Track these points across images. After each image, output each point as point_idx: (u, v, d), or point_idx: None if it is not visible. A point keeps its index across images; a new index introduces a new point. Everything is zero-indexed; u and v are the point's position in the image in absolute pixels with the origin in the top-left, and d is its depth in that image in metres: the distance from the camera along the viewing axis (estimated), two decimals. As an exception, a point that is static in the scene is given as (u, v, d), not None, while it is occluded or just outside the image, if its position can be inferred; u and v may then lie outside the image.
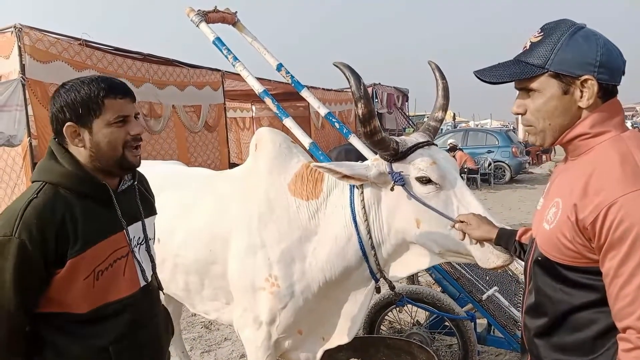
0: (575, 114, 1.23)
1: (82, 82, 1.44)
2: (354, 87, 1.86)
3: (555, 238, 1.21)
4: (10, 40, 6.53)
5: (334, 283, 2.18)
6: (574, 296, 1.21)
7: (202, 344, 4.35)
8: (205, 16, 3.03)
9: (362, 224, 2.06)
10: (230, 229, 2.29)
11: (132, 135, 1.48)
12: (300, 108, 14.18)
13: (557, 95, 1.23)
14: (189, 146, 9.93)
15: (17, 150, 6.75)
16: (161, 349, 1.70)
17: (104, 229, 1.46)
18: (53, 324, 1.44)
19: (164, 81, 9.14)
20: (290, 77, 3.08)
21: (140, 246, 1.59)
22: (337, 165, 2.00)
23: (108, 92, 1.43)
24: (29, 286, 1.37)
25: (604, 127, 1.20)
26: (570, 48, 1.20)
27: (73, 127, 1.43)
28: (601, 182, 1.12)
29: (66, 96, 1.42)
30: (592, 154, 1.21)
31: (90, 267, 1.41)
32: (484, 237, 1.77)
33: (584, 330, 1.19)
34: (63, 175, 1.43)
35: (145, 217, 1.63)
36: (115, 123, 1.44)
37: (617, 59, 1.21)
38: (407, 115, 23.10)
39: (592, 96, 1.19)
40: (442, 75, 2.25)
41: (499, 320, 3.13)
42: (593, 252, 1.15)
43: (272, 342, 2.27)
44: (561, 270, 1.22)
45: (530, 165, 17.92)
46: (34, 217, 1.35)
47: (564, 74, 1.20)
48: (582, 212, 1.13)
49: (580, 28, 1.23)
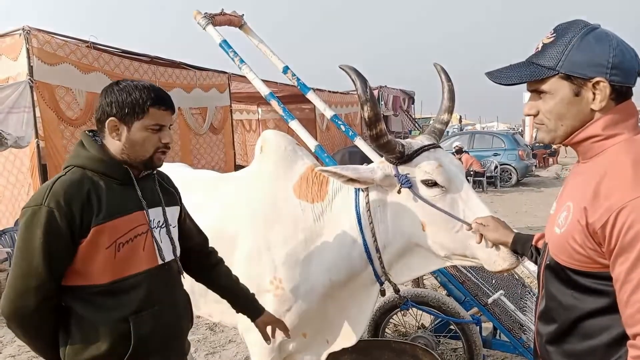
0: (587, 115, 1.21)
1: (135, 86, 1.61)
2: (360, 90, 1.86)
3: (565, 242, 1.19)
4: (19, 43, 6.58)
5: (339, 286, 2.18)
6: (585, 302, 1.19)
7: (207, 345, 4.36)
8: (212, 19, 3.04)
9: (367, 226, 2.06)
10: (235, 231, 2.30)
11: (163, 142, 1.65)
12: (306, 110, 14.20)
13: (568, 97, 1.21)
14: (193, 148, 9.95)
15: (24, 151, 6.80)
16: (181, 331, 1.80)
17: (126, 206, 1.61)
18: (78, 297, 1.56)
19: (171, 83, 9.18)
20: (297, 80, 3.08)
21: (161, 229, 1.72)
22: (342, 169, 1.99)
23: (154, 102, 1.60)
24: (57, 254, 1.50)
25: (617, 129, 1.18)
26: (581, 49, 1.19)
27: (114, 122, 1.60)
28: (612, 185, 1.10)
29: (118, 94, 1.59)
30: (603, 157, 1.19)
31: (112, 237, 1.55)
32: (500, 240, 1.75)
33: (596, 337, 1.17)
34: (89, 159, 1.60)
35: (166, 205, 1.76)
36: (152, 129, 1.61)
37: (631, 60, 1.18)
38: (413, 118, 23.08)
39: (605, 98, 1.17)
40: (448, 77, 2.24)
41: (504, 324, 3.12)
42: (603, 256, 1.13)
43: (277, 344, 2.27)
44: (572, 276, 1.21)
45: (536, 168, 17.84)
46: (62, 189, 1.51)
47: (576, 75, 1.19)
48: (593, 216, 1.11)
49: (594, 29, 1.21)
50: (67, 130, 7.02)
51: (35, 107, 6.62)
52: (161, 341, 1.67)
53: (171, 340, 1.74)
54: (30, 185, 6.92)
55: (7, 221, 7.10)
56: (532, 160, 16.36)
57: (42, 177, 6.77)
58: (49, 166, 6.79)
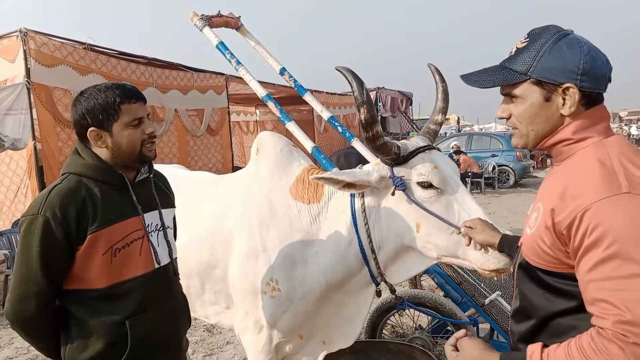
0: (557, 120, 1.23)
1: (98, 90, 1.61)
2: (357, 92, 1.86)
3: (535, 243, 1.21)
4: (16, 45, 6.58)
5: (335, 287, 2.18)
6: (554, 302, 1.21)
7: (204, 347, 4.35)
8: (208, 21, 3.04)
9: (362, 227, 2.06)
10: (231, 232, 2.30)
11: (147, 134, 1.66)
12: (304, 112, 14.21)
13: (539, 102, 1.23)
14: (190, 150, 9.95)
15: (21, 153, 6.79)
16: (178, 332, 1.82)
17: (121, 212, 1.63)
18: (77, 300, 1.60)
19: (167, 85, 9.18)
20: (293, 81, 3.09)
21: (158, 232, 1.74)
22: (338, 174, 1.99)
23: (123, 98, 1.60)
24: (54, 261, 1.53)
25: (587, 133, 1.20)
26: (553, 55, 1.20)
27: (95, 132, 1.61)
28: (578, 187, 1.12)
29: (86, 104, 1.60)
30: (573, 160, 1.21)
31: (107, 243, 1.58)
32: (487, 242, 1.76)
33: (564, 336, 1.17)
34: (84, 166, 1.62)
35: (162, 208, 1.78)
36: (132, 125, 1.62)
37: (601, 66, 1.19)
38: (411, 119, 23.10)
39: (574, 104, 1.19)
40: (442, 78, 2.25)
41: (501, 324, 3.12)
42: (569, 257, 1.14)
43: (273, 346, 2.27)
44: (542, 276, 1.22)
45: (534, 169, 17.87)
46: (57, 198, 1.54)
47: (546, 81, 1.21)
48: (558, 217, 1.13)
49: (566, 35, 1.22)
50: (64, 132, 7.02)
51: (32, 109, 6.61)
52: (158, 343, 1.70)
53: (168, 342, 1.76)
54: (27, 187, 6.91)
55: (4, 223, 7.09)
56: (530, 162, 16.38)
57: (39, 179, 6.77)
58: (45, 168, 6.79)
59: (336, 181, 1.98)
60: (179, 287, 1.87)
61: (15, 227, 6.29)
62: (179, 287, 1.87)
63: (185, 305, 1.90)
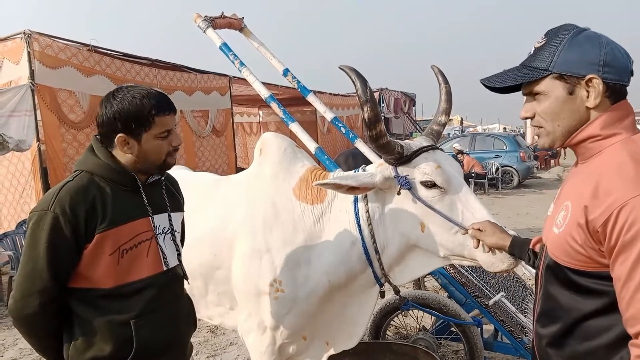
0: (583, 115, 1.22)
1: (133, 96, 1.58)
2: (360, 91, 1.86)
3: (565, 242, 1.19)
4: (20, 46, 6.60)
5: (338, 287, 2.18)
6: (585, 303, 1.19)
7: (208, 348, 4.36)
8: (212, 22, 3.05)
9: (366, 228, 2.06)
10: (235, 233, 2.30)
11: (173, 146, 1.67)
12: (307, 112, 14.21)
13: (562, 96, 1.22)
14: (197, 151, 9.97)
15: (26, 155, 6.81)
16: (182, 335, 1.82)
17: (131, 213, 1.62)
18: (82, 299, 1.59)
19: (172, 86, 9.19)
20: (297, 82, 3.09)
21: (166, 235, 1.74)
22: (341, 179, 1.97)
23: (158, 109, 1.60)
24: (61, 258, 1.52)
25: (615, 129, 1.19)
26: (573, 49, 1.20)
27: (123, 138, 1.60)
28: (612, 183, 1.10)
29: (119, 108, 1.58)
30: (602, 157, 1.19)
31: (115, 244, 1.57)
32: (498, 245, 1.75)
33: (596, 338, 1.16)
34: (97, 165, 1.62)
35: (172, 211, 1.77)
36: (161, 136, 1.63)
37: (622, 58, 1.19)
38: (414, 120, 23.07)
39: (599, 95, 1.18)
40: (445, 79, 2.25)
41: (505, 326, 3.11)
42: (603, 255, 1.12)
43: (277, 347, 2.27)
44: (571, 276, 1.20)
45: (538, 170, 17.81)
46: (68, 195, 1.53)
47: (568, 74, 1.20)
48: (593, 214, 1.11)
49: (583, 30, 1.23)
50: (69, 133, 7.03)
51: (36, 111, 6.63)
52: (163, 346, 1.69)
53: (173, 345, 1.75)
54: (32, 189, 6.93)
55: (9, 224, 7.11)
56: (534, 162, 16.33)
57: (43, 181, 6.79)
58: (49, 169, 6.81)
59: (339, 186, 1.97)
60: (184, 290, 1.87)
61: (20, 228, 6.31)
62: (184, 290, 1.87)
63: (190, 309, 1.90)
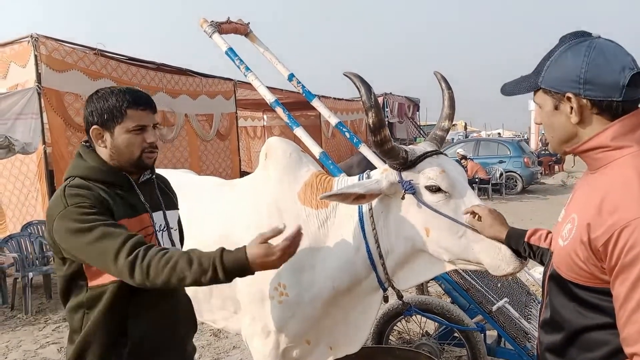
0: (570, 129, 1.24)
1: (111, 92, 1.65)
2: (365, 97, 1.87)
3: (568, 256, 1.19)
4: (27, 50, 6.66)
5: (342, 292, 2.18)
6: (586, 316, 1.19)
7: (211, 351, 4.36)
8: (218, 27, 3.07)
9: (370, 233, 2.06)
10: (240, 237, 2.30)
11: (148, 142, 1.67)
12: (311, 117, 14.25)
13: (551, 110, 1.25)
14: (201, 154, 10.02)
15: (32, 157, 6.86)
16: (180, 335, 1.82)
17: (131, 209, 1.65)
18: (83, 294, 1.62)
19: (177, 90, 9.25)
20: (302, 87, 3.11)
21: (163, 232, 1.76)
22: (348, 188, 1.96)
23: (131, 103, 1.63)
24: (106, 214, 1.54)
25: (626, 141, 1.17)
26: (558, 65, 1.22)
27: (97, 130, 1.65)
28: (616, 201, 1.09)
29: (96, 103, 1.64)
30: (610, 170, 1.18)
31: None
32: (495, 237, 1.77)
33: (595, 350, 1.17)
34: (88, 169, 1.64)
35: (166, 209, 1.80)
36: (134, 131, 1.64)
37: (610, 74, 1.15)
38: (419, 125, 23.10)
39: (578, 113, 1.19)
40: (448, 85, 2.26)
41: (509, 332, 3.10)
42: (605, 273, 1.12)
43: (280, 351, 2.27)
44: (574, 289, 1.20)
45: (542, 176, 17.78)
46: (75, 191, 1.56)
47: (553, 90, 1.23)
48: (595, 232, 1.11)
49: (581, 42, 1.21)
50: (75, 136, 7.08)
51: (42, 114, 6.68)
52: (158, 345, 1.69)
53: (169, 344, 1.75)
54: (37, 191, 6.97)
55: (15, 227, 7.15)
56: (538, 168, 16.31)
57: (49, 183, 6.83)
58: (55, 172, 6.85)
59: (346, 196, 1.95)
60: (183, 289, 1.87)
61: (25, 230, 6.35)
62: (182, 289, 1.86)
63: (189, 309, 1.90)
